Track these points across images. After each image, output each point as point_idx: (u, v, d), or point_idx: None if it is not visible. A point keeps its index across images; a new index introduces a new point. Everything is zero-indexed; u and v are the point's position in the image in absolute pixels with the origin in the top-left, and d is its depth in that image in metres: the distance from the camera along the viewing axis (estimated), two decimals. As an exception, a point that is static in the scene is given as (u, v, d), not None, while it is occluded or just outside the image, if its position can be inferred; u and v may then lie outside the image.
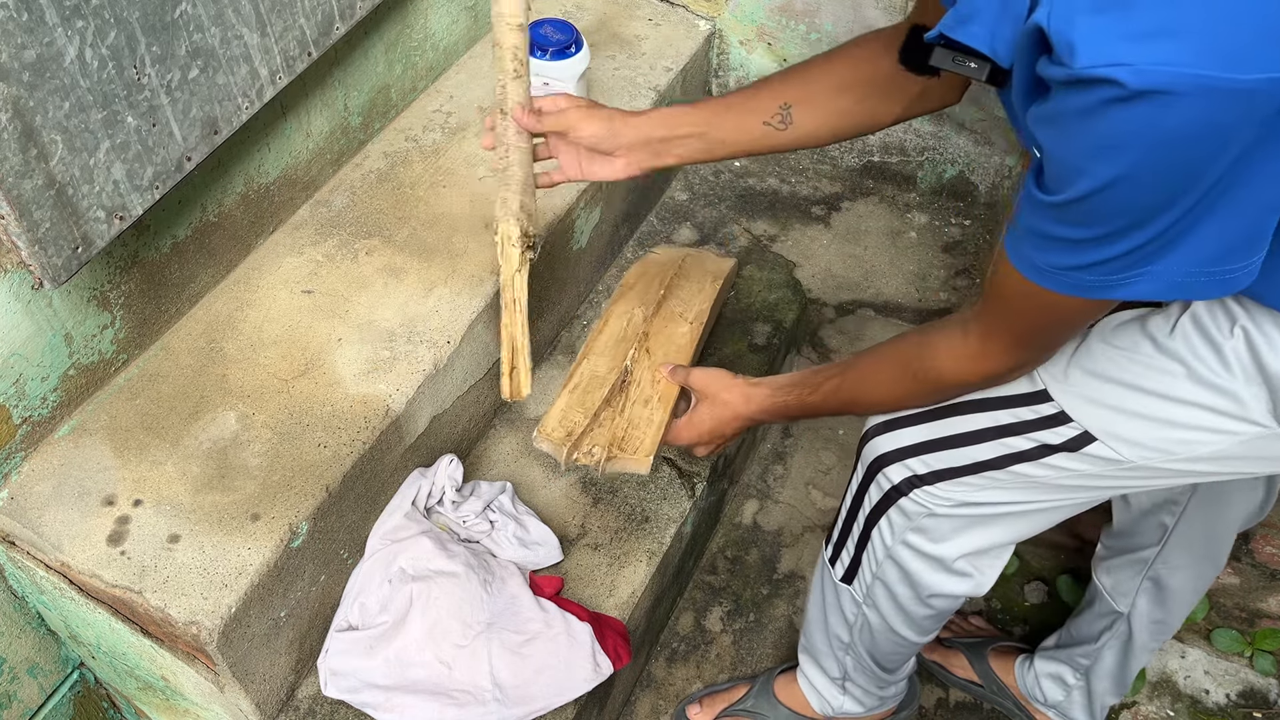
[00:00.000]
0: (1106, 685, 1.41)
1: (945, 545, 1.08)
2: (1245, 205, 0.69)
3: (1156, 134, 0.63)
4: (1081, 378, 0.94)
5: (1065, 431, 0.95)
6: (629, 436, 1.25)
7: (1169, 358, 0.89)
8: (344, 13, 1.25)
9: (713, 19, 1.79)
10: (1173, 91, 0.61)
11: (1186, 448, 0.90)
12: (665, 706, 1.52)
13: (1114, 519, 1.34)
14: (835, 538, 1.19)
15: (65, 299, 1.11)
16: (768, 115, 1.06)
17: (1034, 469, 0.98)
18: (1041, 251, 0.76)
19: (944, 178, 1.85)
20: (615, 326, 1.41)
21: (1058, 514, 1.06)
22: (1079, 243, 0.73)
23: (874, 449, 1.08)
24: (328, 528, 1.18)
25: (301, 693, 1.24)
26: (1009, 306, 0.86)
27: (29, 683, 1.31)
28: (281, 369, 1.24)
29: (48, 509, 1.11)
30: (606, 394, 1.29)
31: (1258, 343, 0.84)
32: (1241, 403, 0.86)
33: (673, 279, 1.50)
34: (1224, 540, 1.27)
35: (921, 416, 1.05)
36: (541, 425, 1.25)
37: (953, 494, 1.04)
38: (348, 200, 1.44)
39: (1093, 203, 0.69)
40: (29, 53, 0.89)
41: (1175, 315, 0.90)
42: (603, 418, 1.27)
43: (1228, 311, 0.86)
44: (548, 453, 1.25)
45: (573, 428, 1.25)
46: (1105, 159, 0.66)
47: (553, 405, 1.28)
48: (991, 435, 0.99)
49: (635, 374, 1.33)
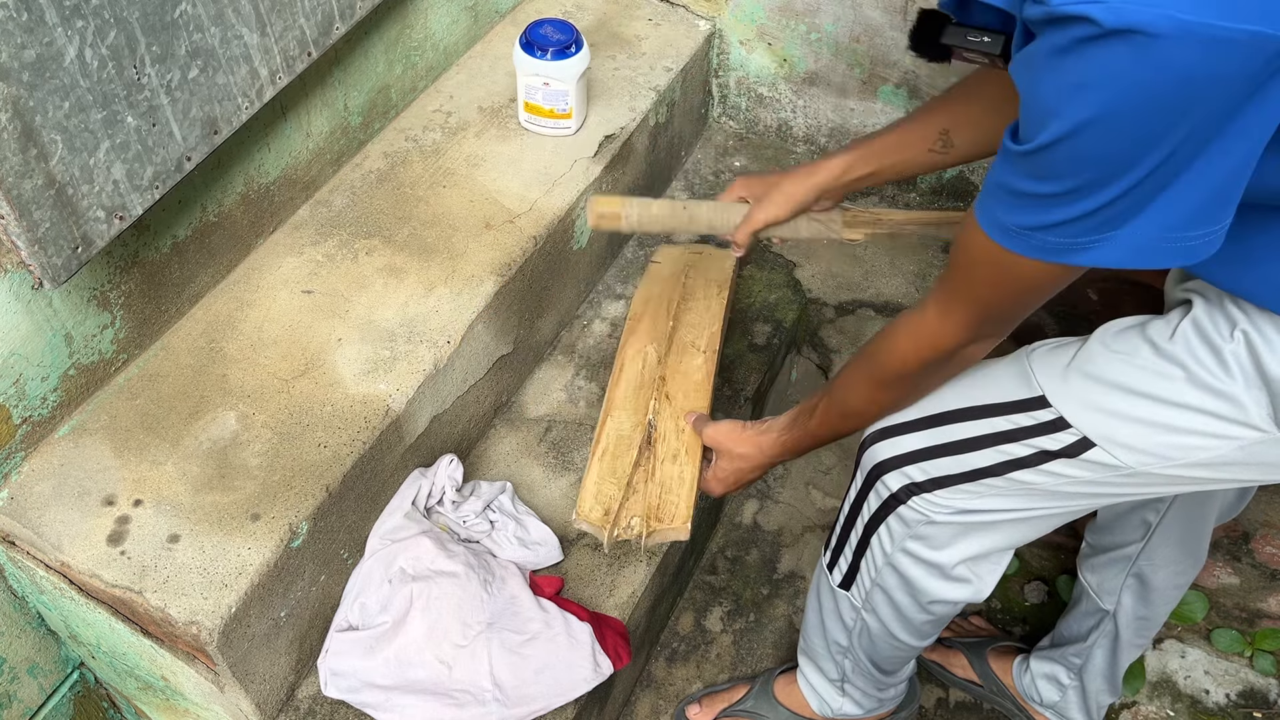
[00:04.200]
0: (1100, 684, 1.42)
1: (944, 552, 1.07)
2: (1216, 167, 0.67)
3: (1131, 76, 0.61)
4: (1080, 382, 0.93)
5: (1064, 438, 0.94)
6: (664, 504, 1.28)
7: (1169, 362, 0.88)
8: (344, 13, 1.25)
9: (713, 19, 1.79)
10: (1150, 32, 0.59)
11: (1185, 453, 0.90)
12: (665, 706, 1.52)
13: (1098, 515, 1.34)
14: (834, 544, 1.19)
15: (65, 299, 1.11)
16: (930, 143, 1.11)
17: (1032, 476, 0.98)
18: (1008, 210, 0.75)
19: (944, 177, 1.85)
20: (631, 371, 1.43)
21: (1056, 520, 1.05)
22: (1046, 198, 0.71)
23: (872, 456, 1.08)
24: (328, 528, 1.18)
25: (301, 693, 1.24)
26: (971, 274, 0.85)
27: (29, 683, 1.31)
28: (281, 369, 1.24)
29: (48, 509, 1.11)
30: (635, 456, 1.31)
31: (1258, 346, 0.84)
32: (1241, 407, 0.86)
33: (680, 303, 1.51)
34: (1204, 535, 1.28)
35: (919, 423, 1.04)
36: (579, 505, 1.28)
37: (951, 501, 1.03)
38: (348, 200, 1.44)
39: (1062, 149, 0.67)
40: (29, 53, 0.89)
41: (1176, 320, 0.89)
42: (635, 483, 1.30)
43: (1228, 315, 0.86)
44: (589, 532, 1.28)
45: (609, 504, 1.27)
46: (1077, 99, 0.64)
47: (585, 478, 1.31)
48: (990, 442, 0.99)
49: (660, 427, 1.35)
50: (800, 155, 1.92)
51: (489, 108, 1.57)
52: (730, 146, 1.95)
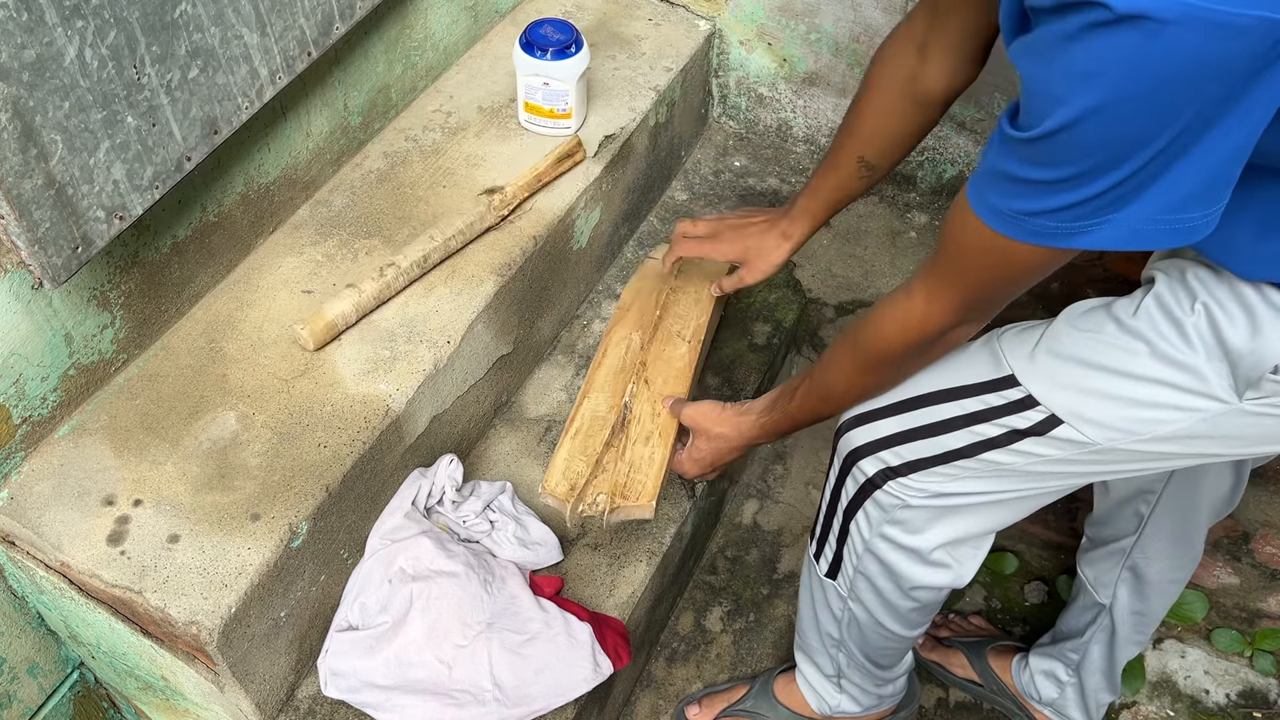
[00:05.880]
0: (1098, 681, 1.42)
1: (921, 537, 1.08)
2: (1217, 150, 0.67)
3: (1139, 62, 0.61)
4: (1047, 360, 0.94)
5: (1032, 415, 0.95)
6: (631, 482, 1.28)
7: (1132, 336, 0.89)
8: (344, 12, 1.25)
9: (713, 19, 1.79)
10: (1159, 18, 0.59)
11: (1150, 427, 0.90)
12: (665, 706, 1.52)
13: (1094, 508, 1.35)
14: (818, 533, 1.19)
15: (65, 299, 1.11)
16: (856, 176, 1.19)
17: (1004, 456, 0.99)
18: (1006, 196, 0.74)
19: (944, 178, 1.85)
20: (614, 356, 1.43)
21: (1032, 503, 1.06)
22: (1047, 184, 0.71)
23: (848, 443, 1.09)
24: (328, 528, 1.18)
25: (301, 693, 1.24)
26: (962, 259, 0.85)
27: (29, 683, 1.31)
28: (281, 369, 1.24)
29: (48, 509, 1.11)
30: (608, 436, 1.30)
31: (1218, 318, 0.85)
32: (1203, 378, 0.87)
33: (669, 294, 1.51)
34: (1199, 529, 1.28)
35: (892, 408, 1.05)
36: (546, 479, 1.28)
37: (926, 485, 1.04)
38: (348, 200, 1.44)
39: (1067, 136, 0.67)
40: (29, 53, 0.89)
41: (1140, 297, 0.91)
42: (605, 462, 1.29)
43: (1189, 289, 0.87)
44: (554, 507, 1.28)
45: (575, 479, 1.27)
46: (1085, 86, 0.64)
47: (556, 454, 1.31)
48: (961, 424, 1.00)
49: (635, 409, 1.35)
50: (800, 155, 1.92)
51: (489, 108, 1.57)
52: (730, 146, 1.95)
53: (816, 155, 1.94)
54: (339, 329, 1.26)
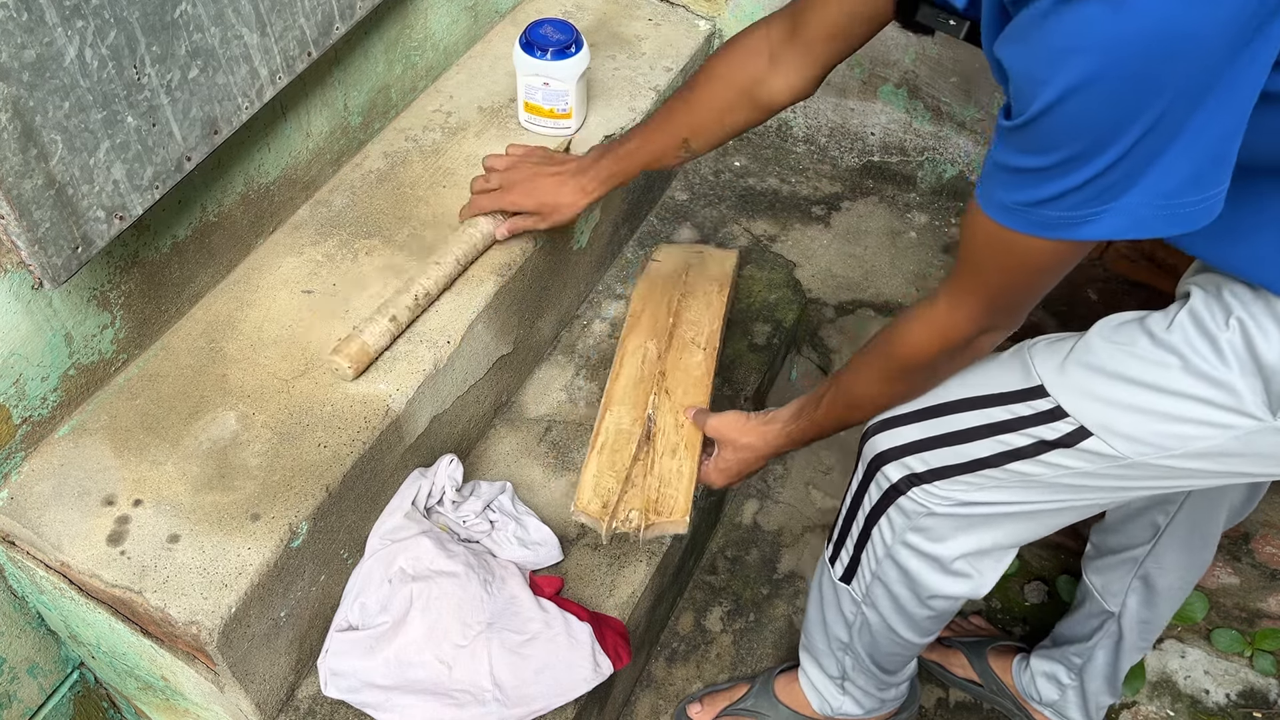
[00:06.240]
0: (1100, 684, 1.42)
1: (944, 545, 1.07)
2: (1209, 129, 0.67)
3: (1112, 34, 0.62)
4: (1078, 372, 0.94)
5: (1061, 427, 0.95)
6: (662, 497, 1.29)
7: (1166, 351, 0.89)
8: (344, 13, 1.25)
9: (713, 19, 1.79)
10: None
11: (1181, 443, 0.90)
12: (665, 706, 1.52)
13: (1106, 516, 1.34)
14: (835, 536, 1.19)
15: (65, 299, 1.11)
16: (674, 154, 1.23)
17: (1031, 466, 0.98)
18: (1006, 188, 0.75)
19: (944, 178, 1.85)
20: (631, 366, 1.43)
21: (1057, 518, 1.05)
22: (1041, 171, 0.72)
23: (873, 447, 1.08)
24: (328, 528, 1.18)
25: (301, 693, 1.24)
26: (978, 260, 0.85)
27: (29, 683, 1.31)
28: (281, 369, 1.24)
29: (48, 509, 1.11)
30: (634, 450, 1.31)
31: (1253, 334, 0.84)
32: (1237, 395, 0.86)
33: (680, 300, 1.51)
34: (1212, 539, 1.27)
35: (920, 414, 1.05)
36: (578, 496, 1.29)
37: (951, 493, 1.04)
38: (348, 200, 1.44)
39: (1053, 118, 0.68)
40: (29, 53, 0.89)
41: (1174, 312, 0.90)
42: (634, 476, 1.30)
43: (1224, 304, 0.86)
44: (587, 525, 1.28)
45: (607, 496, 1.28)
46: (1063, 64, 0.65)
47: (584, 471, 1.31)
48: (988, 432, 0.99)
49: (659, 421, 1.36)
50: (800, 155, 1.92)
51: (489, 108, 1.57)
52: (730, 146, 1.95)
53: (816, 155, 1.94)
54: (374, 359, 1.25)
